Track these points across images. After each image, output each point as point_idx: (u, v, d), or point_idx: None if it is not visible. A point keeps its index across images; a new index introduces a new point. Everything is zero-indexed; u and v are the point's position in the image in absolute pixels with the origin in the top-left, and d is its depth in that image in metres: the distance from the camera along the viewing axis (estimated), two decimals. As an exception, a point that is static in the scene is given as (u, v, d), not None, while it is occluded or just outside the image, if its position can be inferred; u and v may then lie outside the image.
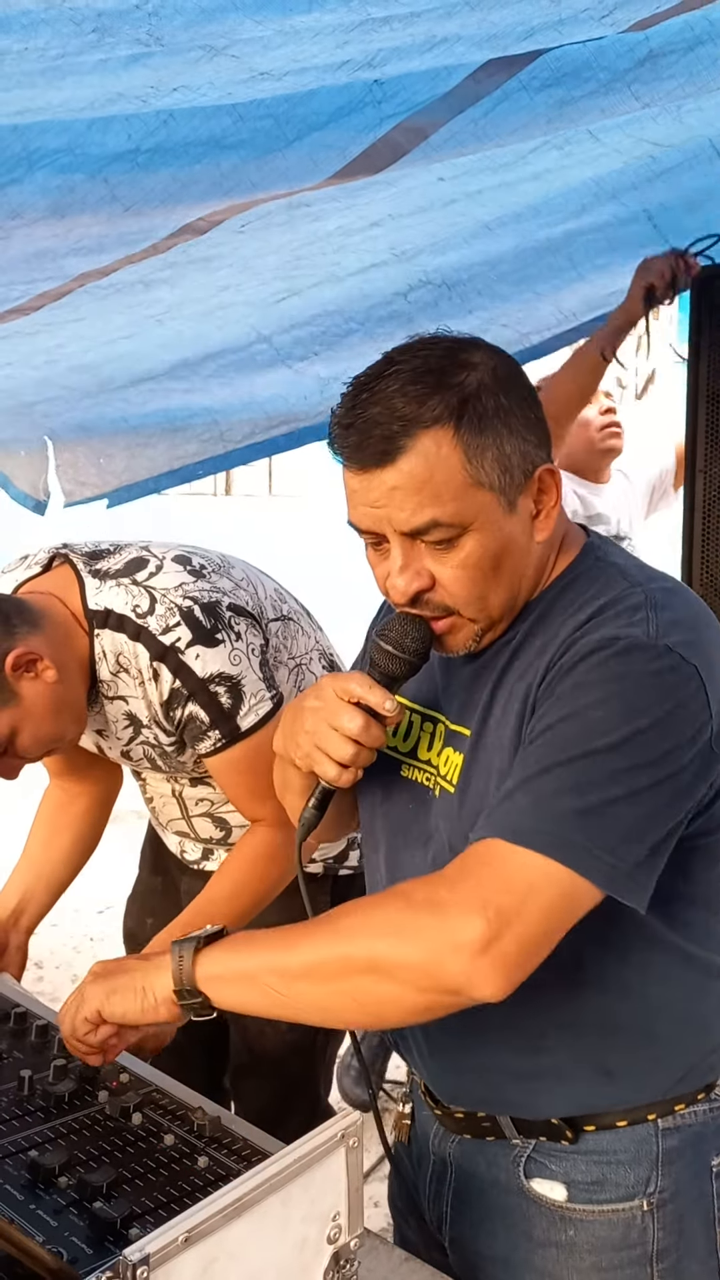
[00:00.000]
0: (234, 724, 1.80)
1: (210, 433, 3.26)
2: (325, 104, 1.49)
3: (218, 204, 1.61)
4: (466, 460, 1.21)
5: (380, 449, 1.20)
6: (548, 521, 1.29)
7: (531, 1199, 1.38)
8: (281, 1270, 1.06)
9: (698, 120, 1.83)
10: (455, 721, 1.36)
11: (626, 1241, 1.35)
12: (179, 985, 1.26)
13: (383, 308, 2.63)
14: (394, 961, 1.16)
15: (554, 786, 1.16)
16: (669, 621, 1.21)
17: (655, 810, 1.18)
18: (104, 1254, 1.12)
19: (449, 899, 1.16)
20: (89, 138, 1.47)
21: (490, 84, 1.50)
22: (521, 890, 1.14)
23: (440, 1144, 1.48)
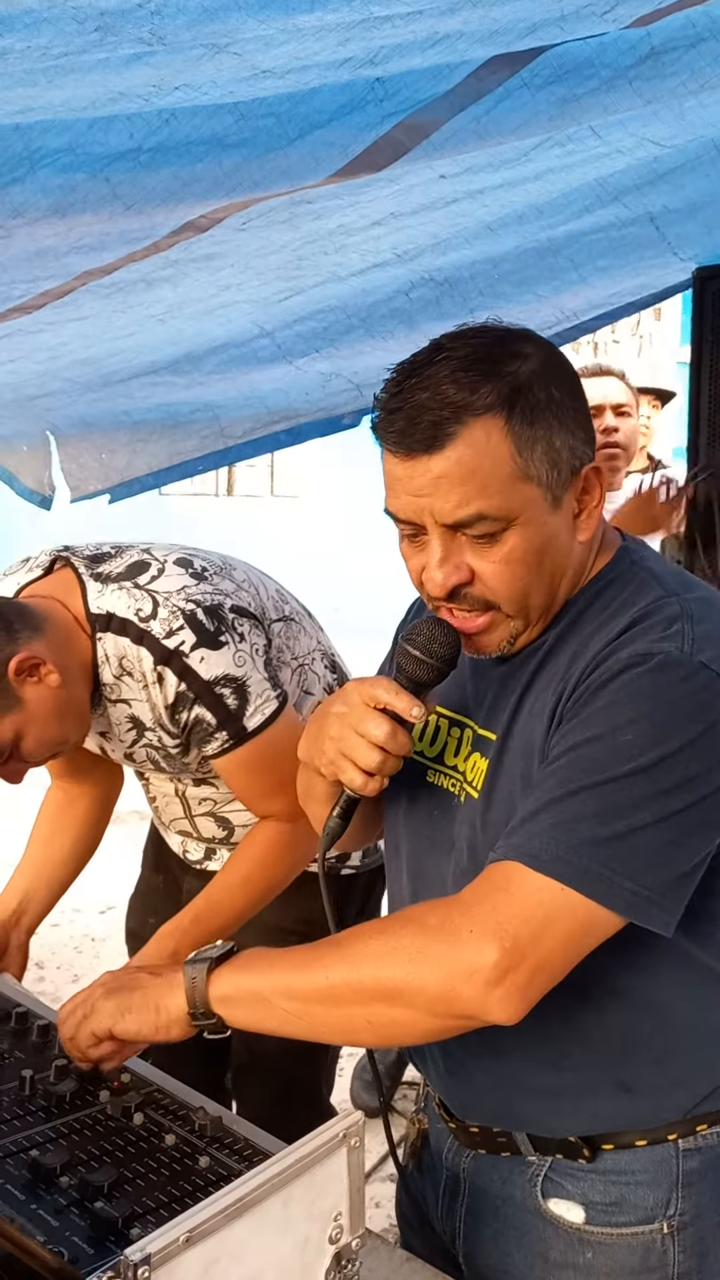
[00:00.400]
0: (241, 725, 1.80)
1: (211, 428, 3.26)
2: (327, 102, 1.49)
3: (219, 202, 1.61)
4: (516, 452, 1.17)
5: (429, 435, 1.16)
6: (590, 521, 1.25)
7: (549, 1220, 1.34)
8: (283, 1270, 1.06)
9: (700, 119, 1.83)
10: (483, 726, 1.33)
11: (646, 1265, 1.32)
12: (193, 1007, 1.26)
13: (384, 305, 2.63)
14: (409, 988, 1.15)
15: (578, 812, 1.14)
16: (705, 635, 1.18)
17: (683, 835, 1.15)
18: (105, 1254, 1.12)
19: (464, 925, 1.14)
20: (90, 137, 1.47)
21: (492, 81, 1.50)
22: (539, 919, 1.13)
23: (454, 1158, 1.45)
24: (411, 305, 2.67)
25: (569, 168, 1.90)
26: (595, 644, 1.22)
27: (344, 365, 2.97)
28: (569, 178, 2.00)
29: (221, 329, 2.65)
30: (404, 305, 2.66)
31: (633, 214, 2.32)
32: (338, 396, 3.19)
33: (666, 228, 2.41)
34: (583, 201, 2.19)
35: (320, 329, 2.74)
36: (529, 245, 2.39)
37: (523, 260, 2.48)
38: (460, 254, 2.35)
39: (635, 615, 1.21)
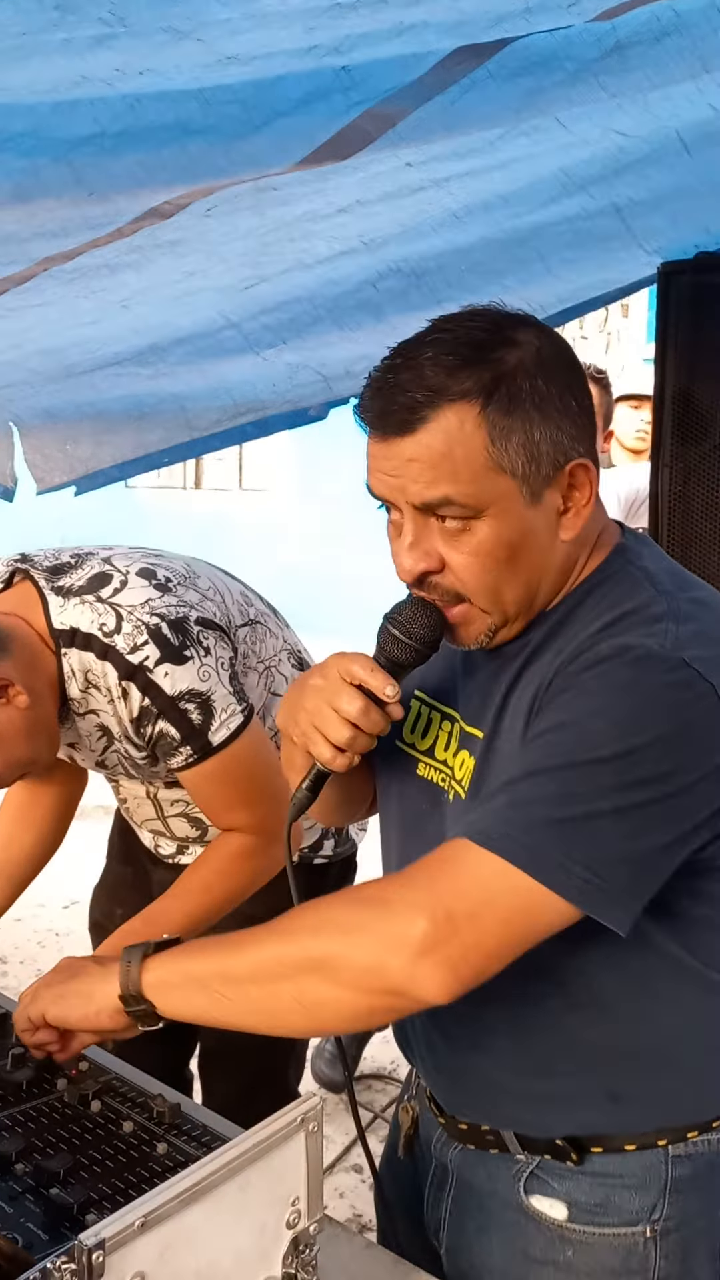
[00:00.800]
0: (205, 740, 1.79)
1: (177, 420, 3.24)
2: (293, 90, 1.48)
3: (184, 188, 1.60)
4: (490, 441, 1.15)
5: (402, 418, 1.15)
6: (576, 520, 1.22)
7: (531, 1215, 1.33)
8: (240, 1255, 1.06)
9: (665, 111, 1.83)
10: (470, 723, 1.31)
11: (627, 1267, 1.30)
12: (125, 992, 1.25)
13: (352, 296, 2.62)
14: (337, 959, 1.13)
15: (534, 793, 1.11)
16: (691, 634, 1.15)
17: (644, 830, 1.12)
18: (60, 1240, 1.12)
19: (397, 897, 1.13)
20: (54, 121, 1.45)
21: (458, 72, 1.49)
22: (477, 897, 1.10)
23: (442, 1150, 1.44)
24: (379, 296, 2.66)
25: (534, 157, 1.91)
26: (582, 640, 1.20)
27: (311, 357, 2.97)
28: (535, 167, 2.00)
29: (187, 319, 2.63)
30: (372, 296, 2.66)
31: (598, 205, 2.32)
32: (305, 388, 3.18)
33: (632, 220, 2.41)
34: (549, 191, 2.19)
35: (287, 320, 2.73)
36: (496, 235, 2.39)
37: (490, 251, 2.48)
38: (428, 243, 2.34)
39: (621, 612, 1.19)
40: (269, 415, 3.33)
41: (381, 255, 2.42)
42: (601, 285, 2.89)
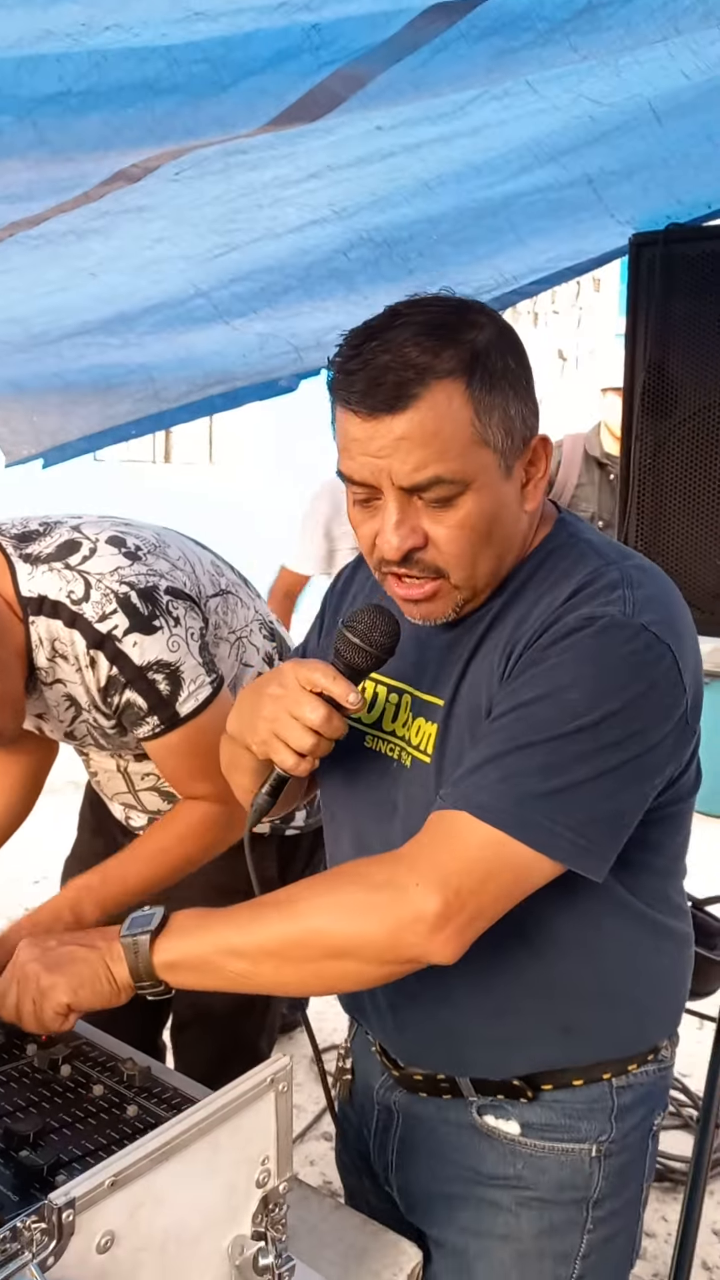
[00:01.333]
0: (173, 710, 1.79)
1: (145, 391, 3.22)
2: (262, 48, 1.46)
3: (151, 150, 1.58)
4: (476, 416, 1.20)
5: (393, 395, 1.18)
6: (536, 491, 1.29)
7: (484, 1133, 1.42)
8: (209, 1214, 1.07)
9: (635, 77, 1.82)
10: (427, 691, 1.36)
11: (573, 1183, 1.40)
12: (137, 978, 1.28)
13: (323, 266, 2.60)
14: (358, 942, 1.19)
15: (524, 766, 1.18)
16: (644, 599, 1.22)
17: (621, 788, 1.20)
18: (30, 1201, 1.12)
19: (410, 879, 1.18)
20: (17, 79, 1.43)
21: (429, 32, 1.48)
22: (481, 871, 1.17)
23: (385, 1094, 1.50)
24: (351, 266, 2.65)
25: (505, 123, 1.89)
26: (540, 609, 1.26)
27: (282, 327, 2.94)
28: (506, 135, 1.99)
29: (156, 288, 2.60)
30: (343, 266, 2.64)
31: (570, 175, 2.31)
32: (275, 359, 3.16)
33: (603, 189, 2.41)
34: (520, 161, 2.18)
35: (257, 289, 2.70)
36: (467, 205, 2.37)
37: (461, 221, 2.47)
38: (399, 212, 2.33)
39: (578, 583, 1.25)
40: (239, 387, 3.31)
41: (352, 224, 2.40)
42: (573, 256, 2.89)
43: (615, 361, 4.19)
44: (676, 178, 2.48)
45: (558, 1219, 1.41)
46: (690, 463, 2.49)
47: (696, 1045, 3.94)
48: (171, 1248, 1.03)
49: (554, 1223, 1.41)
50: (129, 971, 1.28)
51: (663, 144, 2.27)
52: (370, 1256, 1.38)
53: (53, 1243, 0.90)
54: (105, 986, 1.31)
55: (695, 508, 2.49)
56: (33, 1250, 0.90)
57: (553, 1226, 1.41)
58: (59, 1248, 0.91)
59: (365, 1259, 1.37)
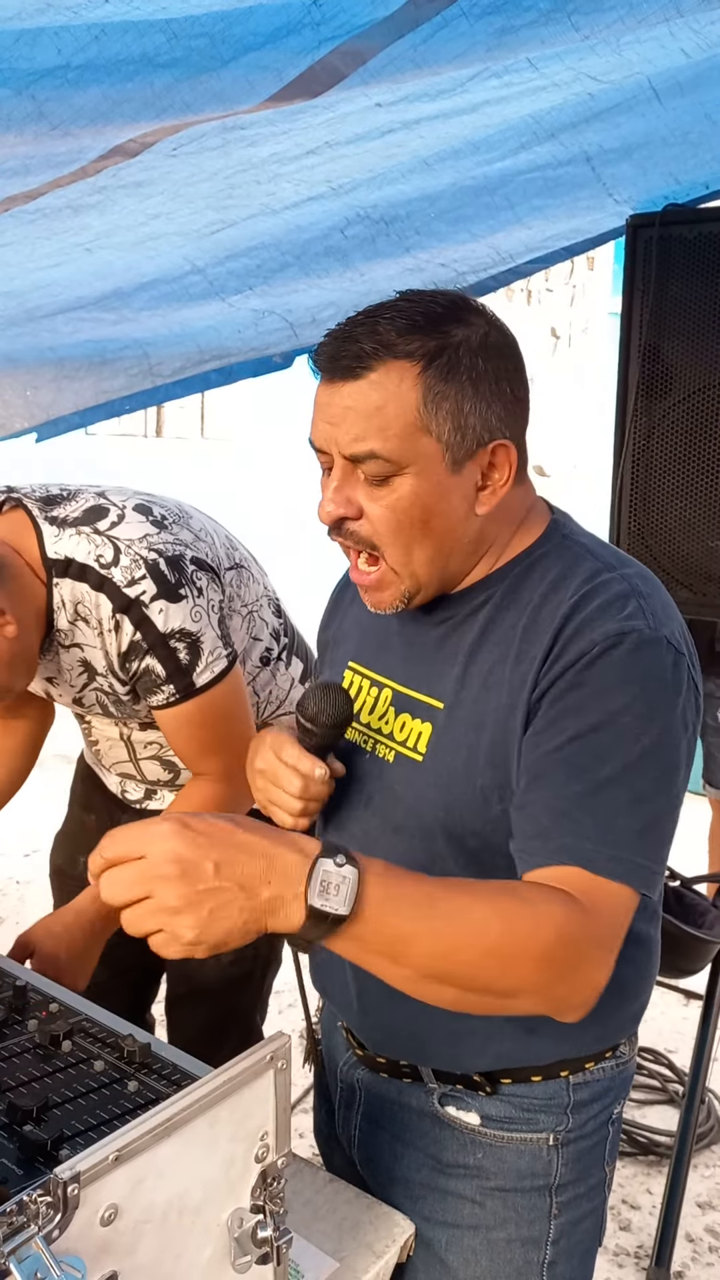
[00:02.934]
0: (189, 680, 1.80)
1: (139, 366, 3.20)
2: (262, 24, 1.45)
3: (150, 125, 1.57)
4: (422, 402, 1.23)
5: (348, 364, 1.24)
6: (491, 498, 1.30)
7: (445, 1122, 1.44)
8: (210, 1187, 1.08)
9: (636, 55, 1.82)
10: (417, 690, 1.38)
11: (533, 1171, 1.43)
12: (297, 939, 1.11)
13: (319, 243, 2.59)
14: (528, 999, 1.18)
15: (612, 807, 1.20)
16: (659, 610, 1.26)
17: (678, 807, 1.25)
18: (34, 1174, 1.13)
19: (589, 943, 1.17)
20: (16, 51, 1.42)
21: (430, 9, 1.47)
22: (620, 924, 1.20)
23: (349, 1071, 1.53)
24: (347, 243, 2.64)
25: (505, 100, 1.88)
26: (546, 617, 1.27)
27: (277, 303, 2.93)
28: (505, 111, 1.98)
29: (151, 264, 2.59)
30: (339, 243, 2.63)
31: (569, 153, 2.31)
32: (270, 335, 3.15)
33: (602, 168, 2.40)
34: (519, 138, 2.17)
35: (254, 266, 2.69)
36: (465, 182, 2.37)
37: (459, 198, 2.46)
38: (396, 189, 2.32)
39: (581, 588, 1.27)
40: (233, 363, 3.29)
41: (349, 200, 2.39)
42: (570, 235, 2.88)
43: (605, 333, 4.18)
44: (675, 157, 2.47)
45: (522, 1206, 1.44)
46: (685, 444, 2.50)
47: (683, 1021, 3.98)
48: (173, 1220, 1.04)
49: (519, 1210, 1.44)
50: (298, 933, 1.07)
51: (662, 122, 2.27)
52: (363, 1229, 1.40)
53: (58, 1216, 0.91)
54: (252, 938, 1.07)
55: (689, 489, 2.50)
56: (38, 1223, 0.91)
57: (519, 1214, 1.44)
58: (64, 1221, 0.92)
59: (358, 1231, 1.39)
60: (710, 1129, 3.36)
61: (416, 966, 1.11)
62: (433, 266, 2.85)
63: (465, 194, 2.50)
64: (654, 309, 2.54)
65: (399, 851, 1.36)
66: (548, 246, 2.91)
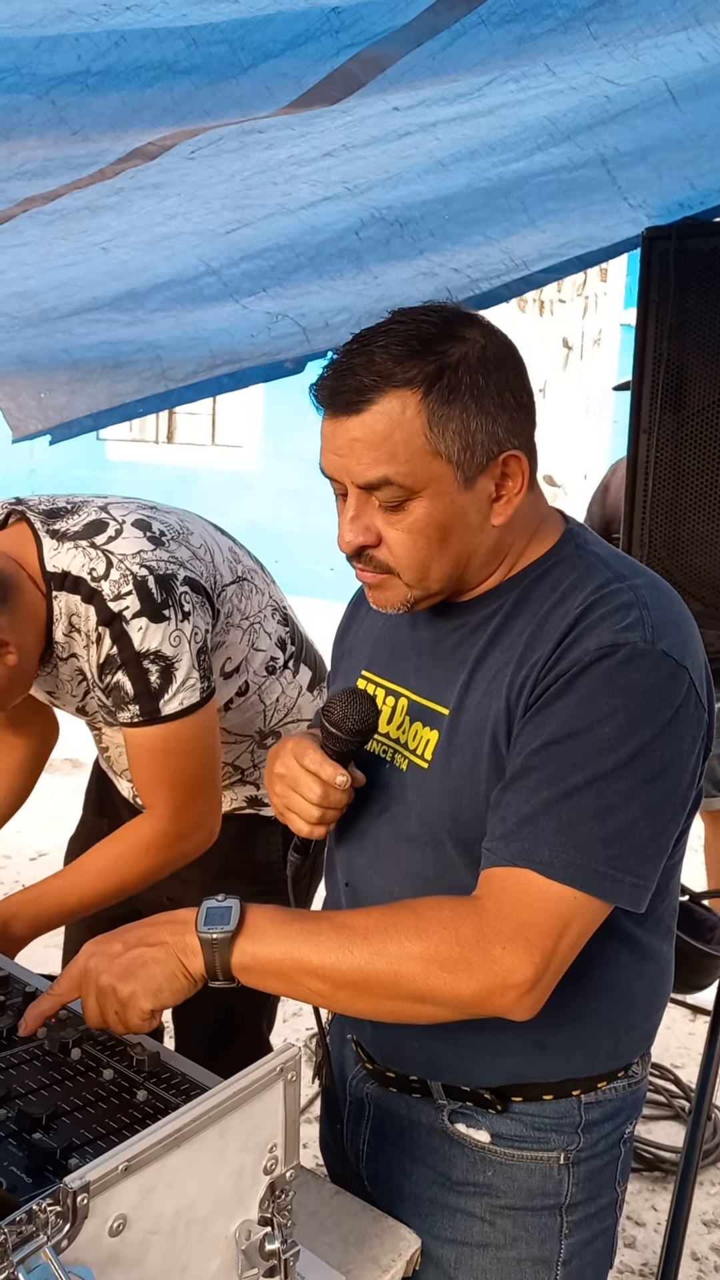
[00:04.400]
0: (156, 705, 1.79)
1: (152, 369, 3.20)
2: (281, 31, 1.45)
3: (169, 130, 1.57)
4: (428, 426, 1.23)
5: (350, 399, 1.24)
6: (507, 507, 1.30)
7: (455, 1139, 1.42)
8: (218, 1199, 1.08)
9: (654, 59, 1.81)
10: (427, 697, 1.38)
11: (543, 1190, 1.42)
12: (212, 976, 1.26)
13: (333, 244, 2.59)
14: (445, 995, 1.20)
15: (577, 813, 1.20)
16: (661, 623, 1.24)
17: (665, 822, 1.23)
18: (43, 1183, 1.12)
19: (496, 941, 1.19)
20: (37, 57, 1.42)
21: (449, 17, 1.47)
22: (559, 929, 1.20)
23: (358, 1086, 1.51)
24: (361, 245, 2.63)
25: (521, 103, 1.88)
26: (552, 626, 1.27)
27: (290, 306, 2.93)
28: (521, 113, 1.98)
29: (166, 264, 2.59)
30: (354, 245, 2.63)
31: (584, 155, 2.30)
32: (283, 340, 3.15)
33: (617, 170, 2.39)
34: (535, 140, 2.17)
35: (268, 267, 2.69)
36: (480, 184, 2.36)
37: (473, 200, 2.45)
38: (411, 189, 2.32)
39: (589, 598, 1.26)
40: (245, 368, 3.29)
41: (364, 201, 2.38)
42: (584, 243, 2.87)
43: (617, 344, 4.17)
44: (690, 160, 2.47)
45: (533, 1225, 1.43)
46: (700, 457, 2.49)
47: (689, 1037, 3.97)
48: (181, 1231, 1.04)
49: (530, 1229, 1.43)
50: (204, 968, 1.25)
51: (678, 125, 2.26)
52: (370, 1242, 1.39)
53: (67, 1226, 0.91)
54: (183, 983, 1.27)
55: (703, 502, 2.49)
56: (48, 1233, 0.90)
57: (529, 1233, 1.43)
58: (73, 1231, 0.91)
59: (365, 1244, 1.39)
60: (716, 1145, 3.34)
61: (321, 979, 1.21)
62: (446, 271, 2.84)
63: (480, 195, 2.49)
64: (668, 321, 2.53)
65: (410, 862, 1.36)
66: (561, 254, 2.90)
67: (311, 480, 4.33)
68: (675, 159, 2.45)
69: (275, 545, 3.82)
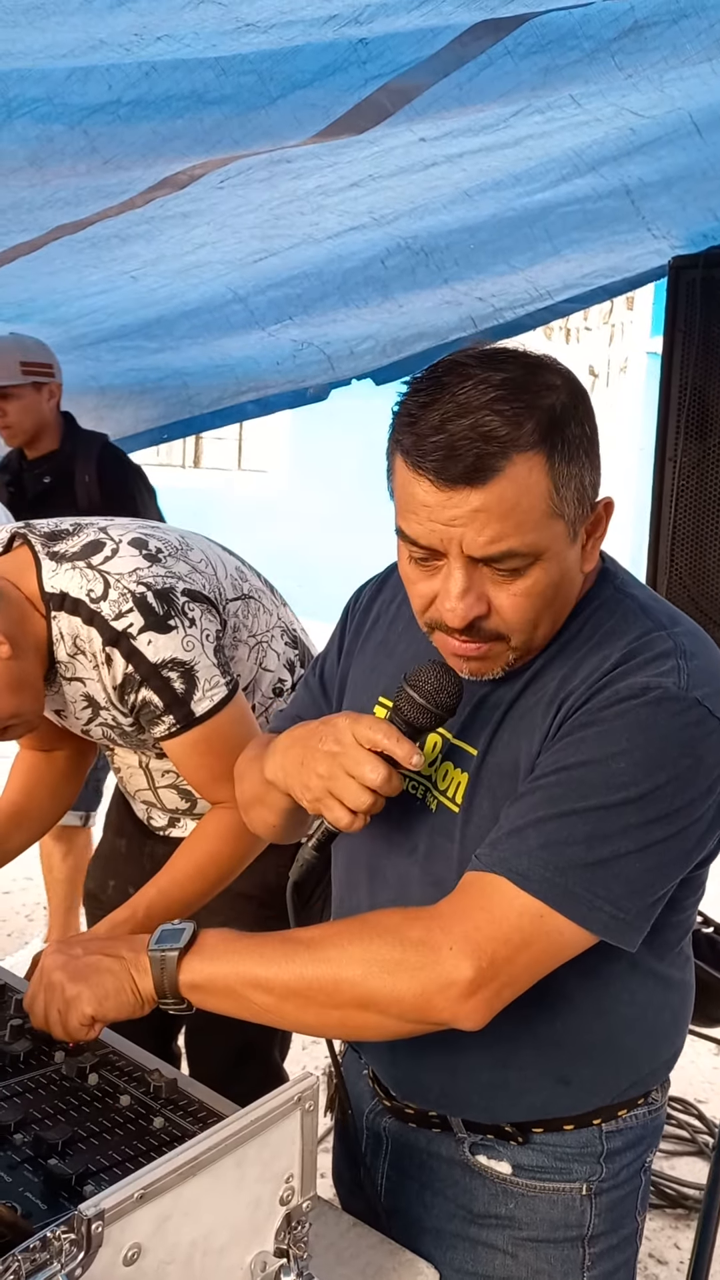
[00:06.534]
0: (188, 709, 1.79)
1: (178, 396, 3.24)
2: (310, 62, 1.47)
3: (198, 159, 1.59)
4: (554, 489, 1.15)
5: (473, 467, 1.12)
6: (594, 552, 1.25)
7: (476, 1171, 1.39)
8: (234, 1229, 1.06)
9: (679, 91, 1.82)
10: (459, 737, 1.32)
11: (566, 1221, 1.38)
12: (160, 994, 1.26)
13: (360, 273, 2.61)
14: (385, 998, 1.17)
15: (567, 835, 1.15)
16: (698, 671, 1.19)
17: (664, 863, 1.18)
18: (58, 1209, 1.11)
19: (444, 942, 1.15)
20: (69, 87, 1.45)
21: (476, 48, 1.48)
22: (518, 941, 1.15)
23: (375, 1120, 1.48)
24: (387, 273, 2.65)
25: (548, 134, 1.90)
26: (586, 669, 1.22)
27: (316, 333, 2.95)
28: (547, 145, 1.99)
29: (194, 292, 2.62)
30: (379, 273, 2.65)
31: (609, 185, 2.32)
32: (308, 367, 3.18)
33: (641, 201, 2.41)
34: (560, 170, 2.18)
35: (294, 295, 2.72)
36: (505, 214, 2.38)
37: (499, 230, 2.47)
38: (437, 219, 2.34)
39: (628, 648, 1.22)
40: (270, 394, 3.32)
41: (391, 230, 2.41)
42: (608, 273, 2.89)
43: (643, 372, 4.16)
44: (715, 192, 2.48)
45: (555, 1258, 1.39)
46: (728, 485, 2.48)
47: (714, 1071, 3.91)
48: (196, 1261, 1.02)
49: (553, 1262, 1.39)
50: (154, 986, 1.26)
51: (702, 156, 2.28)
52: (387, 1276, 1.37)
53: (81, 1254, 0.90)
54: (129, 999, 1.29)
55: (732, 530, 2.48)
56: (61, 1260, 0.89)
57: (552, 1266, 1.39)
58: (87, 1259, 0.90)
59: (381, 1277, 1.37)
60: (740, 1178, 3.29)
61: (266, 992, 1.21)
62: (470, 300, 2.86)
63: (505, 225, 2.51)
64: (696, 349, 2.53)
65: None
66: (585, 284, 2.91)
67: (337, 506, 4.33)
68: (699, 190, 2.46)
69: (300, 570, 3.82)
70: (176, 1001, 1.26)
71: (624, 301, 7.62)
